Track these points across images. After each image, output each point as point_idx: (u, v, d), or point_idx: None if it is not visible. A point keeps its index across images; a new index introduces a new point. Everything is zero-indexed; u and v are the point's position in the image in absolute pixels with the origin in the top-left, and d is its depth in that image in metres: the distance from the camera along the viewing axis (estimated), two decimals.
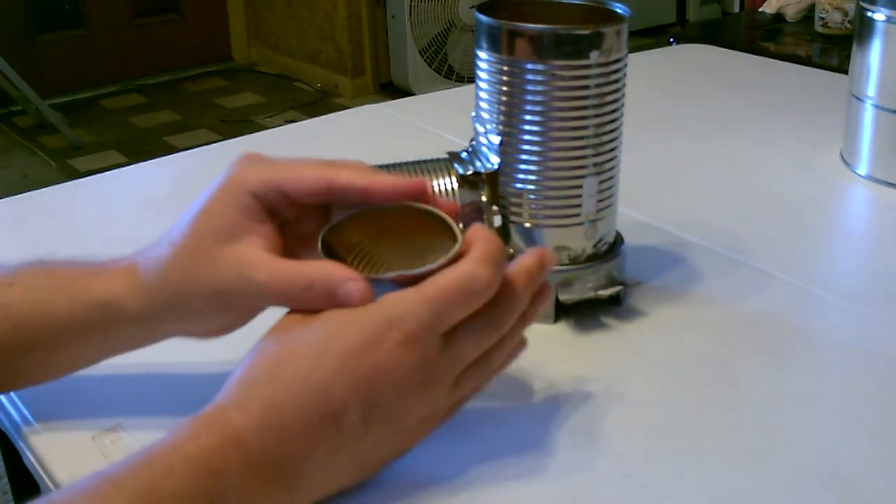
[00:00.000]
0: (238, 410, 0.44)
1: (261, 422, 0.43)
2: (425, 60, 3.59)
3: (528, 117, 0.59)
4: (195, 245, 0.50)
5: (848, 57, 0.87)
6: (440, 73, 3.63)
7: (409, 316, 0.45)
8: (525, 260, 0.49)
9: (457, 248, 0.47)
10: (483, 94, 0.61)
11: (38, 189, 0.89)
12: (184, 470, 0.41)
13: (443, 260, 0.46)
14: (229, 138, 1.02)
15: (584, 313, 0.63)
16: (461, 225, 0.48)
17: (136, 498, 0.40)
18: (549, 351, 0.60)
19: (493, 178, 0.61)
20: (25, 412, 0.56)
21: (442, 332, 0.46)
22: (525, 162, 0.60)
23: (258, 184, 0.50)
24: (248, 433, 0.43)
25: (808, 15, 2.30)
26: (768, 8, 2.41)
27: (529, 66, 0.58)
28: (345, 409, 0.44)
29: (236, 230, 0.49)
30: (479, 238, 0.47)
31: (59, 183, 0.93)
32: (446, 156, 0.62)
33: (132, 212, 0.85)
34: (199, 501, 0.41)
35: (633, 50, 0.64)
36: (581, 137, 0.59)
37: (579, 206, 0.61)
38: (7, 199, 0.87)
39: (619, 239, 0.65)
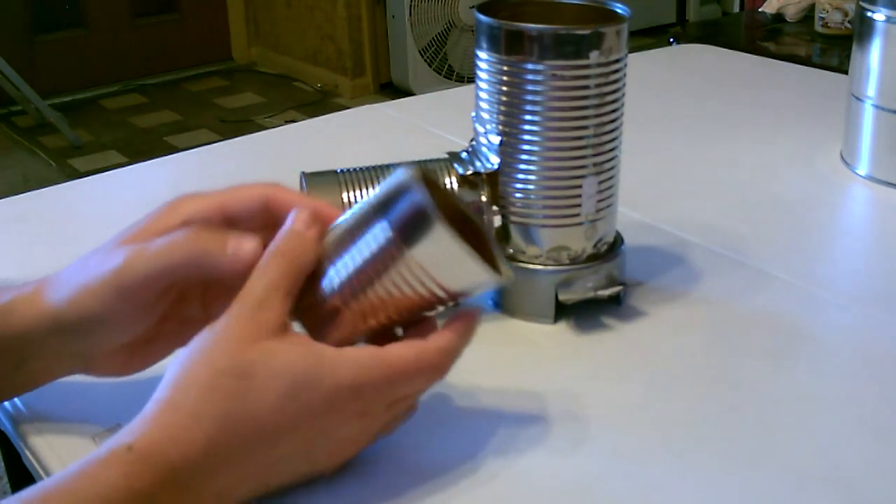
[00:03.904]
0: (174, 444, 0.43)
1: (198, 458, 0.43)
2: (425, 60, 3.59)
3: (527, 117, 0.59)
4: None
5: (848, 57, 0.87)
6: (440, 73, 3.62)
7: (377, 393, 0.46)
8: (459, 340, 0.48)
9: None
10: (483, 95, 0.61)
11: (38, 189, 0.89)
12: (122, 486, 0.41)
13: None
14: (229, 138, 1.02)
15: (584, 313, 0.63)
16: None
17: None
18: (548, 351, 0.60)
19: (492, 178, 0.61)
20: (25, 412, 0.56)
21: (393, 401, 0.47)
22: (525, 162, 0.60)
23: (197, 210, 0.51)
24: (187, 467, 0.43)
25: (808, 15, 2.29)
26: (768, 8, 2.41)
27: (529, 66, 0.58)
28: (282, 457, 0.46)
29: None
30: (457, 330, 0.48)
31: (59, 183, 0.93)
32: (446, 156, 0.62)
33: (132, 212, 0.84)
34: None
35: (633, 50, 0.64)
36: (581, 137, 0.59)
37: (579, 206, 0.61)
38: (7, 199, 0.87)
39: (619, 239, 0.65)
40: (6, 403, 0.57)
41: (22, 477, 0.57)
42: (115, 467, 0.42)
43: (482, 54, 0.60)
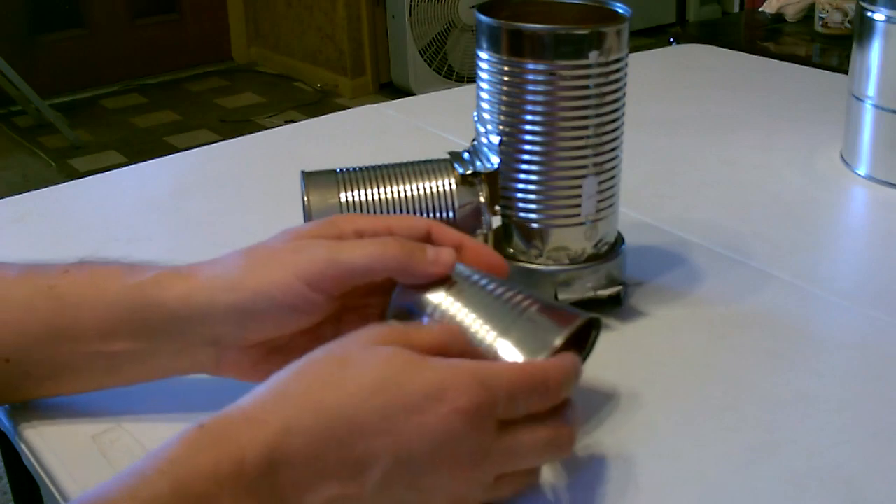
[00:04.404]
0: (249, 426, 0.41)
1: (271, 442, 0.40)
2: (425, 60, 3.59)
3: (528, 117, 0.59)
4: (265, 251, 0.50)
5: (848, 57, 0.87)
6: (440, 73, 3.63)
7: (478, 387, 0.42)
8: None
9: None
10: (483, 95, 0.61)
11: (38, 189, 0.89)
12: (173, 500, 0.38)
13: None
14: (229, 138, 1.02)
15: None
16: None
17: None
18: None
19: (492, 178, 0.61)
20: (25, 412, 0.55)
21: (501, 417, 0.43)
22: (525, 162, 0.60)
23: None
24: (252, 456, 0.40)
25: (808, 15, 2.30)
26: (768, 8, 2.41)
27: (530, 66, 0.58)
28: (372, 463, 0.41)
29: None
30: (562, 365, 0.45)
31: (59, 183, 0.93)
32: (447, 156, 0.62)
33: (132, 212, 0.85)
34: None
35: (633, 50, 0.64)
36: (581, 137, 0.59)
37: (579, 206, 0.61)
38: (7, 199, 0.87)
39: (619, 239, 0.65)
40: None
41: (22, 477, 0.57)
42: (181, 443, 0.40)
43: (483, 54, 0.60)
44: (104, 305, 0.50)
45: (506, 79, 0.59)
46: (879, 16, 0.81)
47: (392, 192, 0.60)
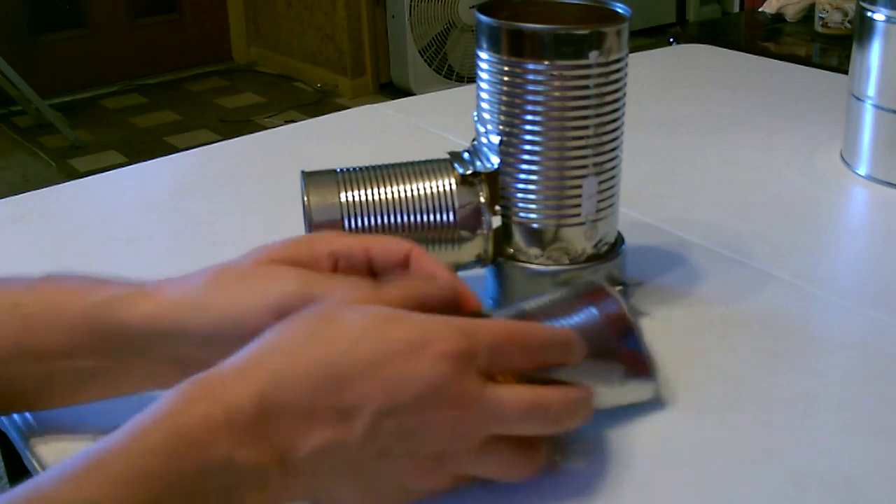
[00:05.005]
0: (239, 377, 0.42)
1: (261, 391, 0.41)
2: (425, 60, 3.59)
3: (528, 117, 0.59)
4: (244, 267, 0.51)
5: (848, 57, 0.87)
6: (440, 73, 3.63)
7: (460, 335, 0.43)
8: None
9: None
10: (483, 95, 0.61)
11: (38, 189, 0.89)
12: (168, 448, 0.39)
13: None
14: (229, 138, 1.02)
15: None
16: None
17: (116, 483, 0.38)
18: None
19: (492, 178, 0.61)
20: (26, 413, 0.56)
21: (486, 369, 0.44)
22: (525, 162, 0.60)
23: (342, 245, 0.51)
24: (246, 401, 0.41)
25: (808, 15, 2.30)
26: (768, 8, 2.41)
27: (530, 66, 0.58)
28: (359, 407, 0.42)
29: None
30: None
31: (59, 183, 0.93)
32: (447, 156, 0.62)
33: (132, 212, 0.85)
34: (186, 480, 0.39)
35: (633, 50, 0.64)
36: (581, 137, 0.59)
37: (579, 206, 0.61)
38: (7, 199, 0.87)
39: (619, 239, 0.65)
40: None
41: (22, 477, 0.57)
42: (176, 396, 0.41)
43: (483, 54, 0.60)
44: (66, 325, 0.50)
45: (506, 79, 0.59)
46: (879, 16, 0.81)
47: (392, 192, 0.60)
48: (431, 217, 0.59)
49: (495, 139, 0.60)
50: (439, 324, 0.44)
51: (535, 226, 0.61)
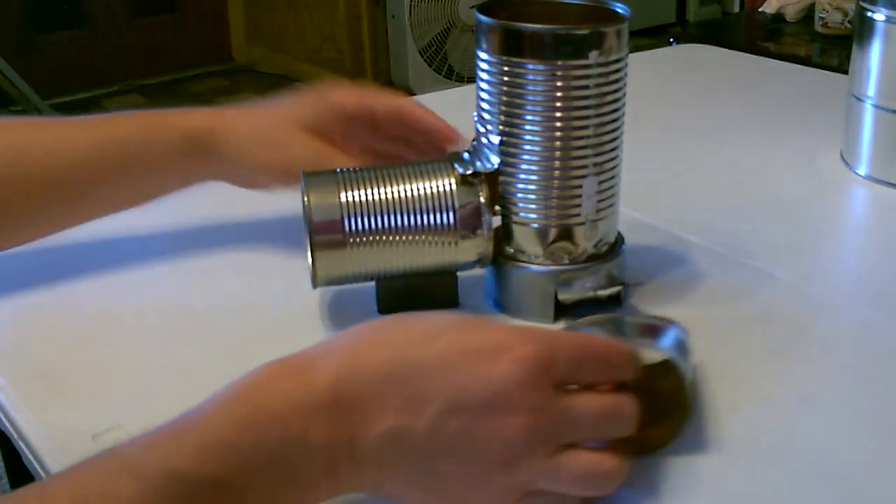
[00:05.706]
0: (321, 360, 0.44)
1: (339, 374, 0.43)
2: (425, 60, 3.59)
3: (528, 117, 0.59)
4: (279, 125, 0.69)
5: (848, 57, 0.87)
6: (440, 73, 3.62)
7: (541, 343, 0.44)
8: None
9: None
10: (483, 95, 0.61)
11: None
12: (250, 420, 0.41)
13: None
14: None
15: (583, 313, 0.63)
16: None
17: (201, 450, 0.40)
18: None
19: (492, 178, 0.61)
20: (26, 412, 0.56)
21: (562, 380, 0.44)
22: (525, 162, 0.60)
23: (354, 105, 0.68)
24: (325, 382, 0.42)
25: (808, 15, 2.29)
26: (768, 8, 2.41)
27: (530, 67, 0.58)
28: (429, 398, 0.42)
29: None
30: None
31: None
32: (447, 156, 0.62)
33: (132, 211, 0.84)
34: (264, 453, 0.41)
35: (633, 50, 0.64)
36: (581, 137, 0.59)
37: (579, 206, 0.61)
38: None
39: (619, 239, 0.65)
40: (5, 403, 0.57)
41: (22, 477, 0.57)
42: (261, 372, 0.43)
43: (483, 54, 0.60)
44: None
45: (506, 79, 0.59)
46: (879, 16, 0.81)
47: (392, 192, 0.60)
48: (431, 217, 0.59)
49: (495, 139, 0.60)
50: (520, 331, 0.45)
51: (535, 226, 0.61)
